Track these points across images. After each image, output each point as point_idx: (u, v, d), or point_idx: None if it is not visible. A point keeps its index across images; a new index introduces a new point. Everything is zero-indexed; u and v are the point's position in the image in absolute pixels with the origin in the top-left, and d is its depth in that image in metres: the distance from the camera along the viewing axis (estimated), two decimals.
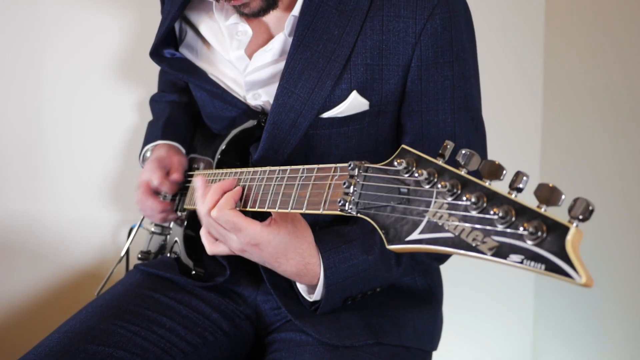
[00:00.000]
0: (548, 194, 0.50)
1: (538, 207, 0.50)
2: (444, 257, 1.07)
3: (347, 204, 0.65)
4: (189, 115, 1.30)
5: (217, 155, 1.09)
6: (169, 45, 1.15)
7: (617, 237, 1.45)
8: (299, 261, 0.89)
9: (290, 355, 1.00)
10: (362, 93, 0.96)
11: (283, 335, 1.05)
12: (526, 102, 1.73)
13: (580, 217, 0.48)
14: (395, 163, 0.60)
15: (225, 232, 0.87)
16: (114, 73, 1.59)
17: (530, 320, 1.83)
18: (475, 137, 1.02)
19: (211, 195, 0.87)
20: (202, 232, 0.93)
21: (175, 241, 1.20)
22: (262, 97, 1.07)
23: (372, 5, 0.95)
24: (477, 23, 1.60)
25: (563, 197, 0.50)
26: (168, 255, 1.22)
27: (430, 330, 1.10)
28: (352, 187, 0.65)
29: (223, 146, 1.08)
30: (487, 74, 1.62)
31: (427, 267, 1.09)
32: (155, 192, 1.17)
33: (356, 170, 0.65)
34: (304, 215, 0.88)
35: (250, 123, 1.06)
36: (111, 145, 1.61)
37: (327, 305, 0.96)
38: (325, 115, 0.97)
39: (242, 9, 0.97)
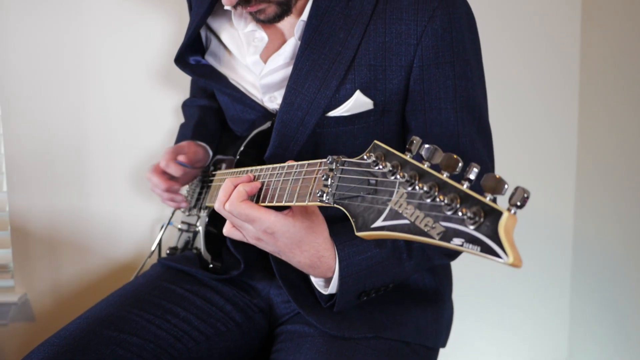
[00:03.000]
0: (493, 183, 0.53)
1: (483, 195, 0.53)
2: (454, 254, 1.07)
3: (324, 195, 0.70)
4: (217, 119, 1.37)
5: (237, 157, 1.15)
6: (196, 52, 1.21)
7: None
8: (313, 254, 0.90)
9: (293, 345, 1.04)
10: (366, 92, 1.00)
11: (289, 327, 1.10)
12: (562, 103, 1.73)
13: (518, 204, 0.51)
14: (365, 157, 0.65)
15: (242, 223, 0.88)
16: (159, 77, 1.67)
17: (567, 321, 1.83)
18: (479, 135, 1.04)
19: (223, 190, 0.89)
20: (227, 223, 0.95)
21: (198, 236, 1.27)
22: (277, 100, 1.12)
23: (376, 9, 0.99)
24: (513, 23, 1.65)
25: (506, 186, 0.53)
26: (192, 250, 1.29)
27: (434, 327, 1.12)
28: (329, 179, 0.70)
29: (242, 148, 1.14)
30: (523, 74, 1.69)
31: (439, 262, 1.08)
32: (170, 176, 1.23)
33: (334, 164, 0.70)
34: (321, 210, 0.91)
35: (266, 125, 1.11)
36: (154, 148, 1.69)
37: (343, 299, 0.97)
38: (331, 114, 1.01)
39: (258, 16, 1.03)
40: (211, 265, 1.19)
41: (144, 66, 1.66)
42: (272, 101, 1.12)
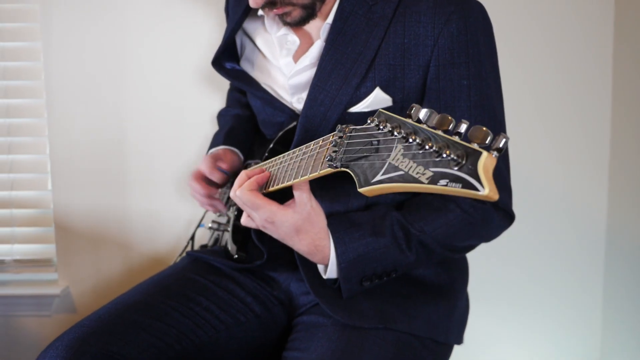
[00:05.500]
0: (479, 133, 0.59)
1: (470, 144, 0.59)
2: (457, 249, 1.11)
3: (333, 160, 0.77)
4: (250, 126, 1.45)
5: (266, 154, 1.22)
6: (231, 59, 1.30)
7: None
8: (310, 242, 1.01)
9: (308, 335, 1.10)
10: (385, 90, 1.07)
11: (305, 318, 1.15)
12: (595, 102, 1.73)
13: (499, 146, 0.57)
14: (369, 120, 0.72)
15: (250, 211, 1.00)
16: (200, 81, 1.74)
17: (599, 323, 1.81)
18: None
19: (237, 180, 1.01)
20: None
21: (226, 231, 1.34)
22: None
23: (396, 13, 1.06)
24: (544, 21, 1.69)
25: (490, 136, 0.59)
26: (220, 247, 1.36)
27: (445, 322, 1.15)
28: (338, 146, 0.77)
29: (271, 145, 1.21)
30: (556, 73, 1.70)
31: (442, 257, 1.12)
32: (209, 182, 1.32)
33: (342, 132, 0.77)
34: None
35: (293, 124, 1.18)
36: (191, 150, 1.77)
37: (346, 285, 1.05)
38: (352, 109, 1.08)
39: (285, 18, 1.11)
40: (236, 256, 1.26)
41: (185, 70, 1.74)
42: (300, 102, 1.19)
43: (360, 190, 0.70)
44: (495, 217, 1.09)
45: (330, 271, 1.04)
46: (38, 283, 1.81)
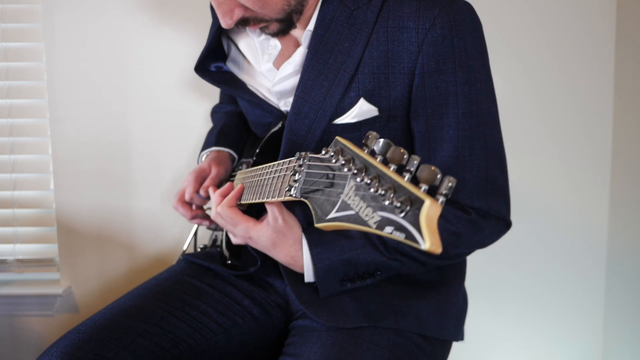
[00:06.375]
0: (427, 174, 0.55)
1: (418, 186, 0.55)
2: (446, 257, 1.08)
3: (292, 189, 0.73)
4: (242, 123, 1.42)
5: (253, 158, 1.20)
6: (217, 59, 1.27)
7: None
8: (286, 254, 1.04)
9: (301, 339, 1.08)
10: (370, 100, 1.03)
11: (300, 322, 1.14)
12: (596, 105, 1.71)
13: (444, 192, 0.53)
14: (323, 152, 0.68)
15: (231, 228, 1.06)
16: (200, 81, 1.69)
17: (600, 326, 1.79)
18: (483, 140, 1.04)
19: (216, 196, 1.08)
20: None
21: (221, 234, 1.33)
22: None
23: (379, 18, 1.01)
24: (546, 23, 1.67)
25: (439, 176, 0.55)
26: (217, 248, 1.35)
27: (437, 318, 1.12)
28: (297, 174, 0.73)
29: (257, 149, 1.19)
30: (558, 74, 1.69)
31: (437, 265, 1.09)
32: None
33: (301, 160, 0.74)
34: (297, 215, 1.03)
35: (277, 127, 1.16)
36: (193, 149, 1.77)
37: (324, 287, 1.06)
38: (338, 121, 1.04)
39: (264, 30, 1.08)
40: (229, 262, 1.24)
41: (187, 70, 1.73)
42: (288, 105, 1.16)
43: (317, 225, 0.67)
44: (486, 225, 1.05)
45: (308, 276, 1.06)
46: (40, 283, 1.82)
